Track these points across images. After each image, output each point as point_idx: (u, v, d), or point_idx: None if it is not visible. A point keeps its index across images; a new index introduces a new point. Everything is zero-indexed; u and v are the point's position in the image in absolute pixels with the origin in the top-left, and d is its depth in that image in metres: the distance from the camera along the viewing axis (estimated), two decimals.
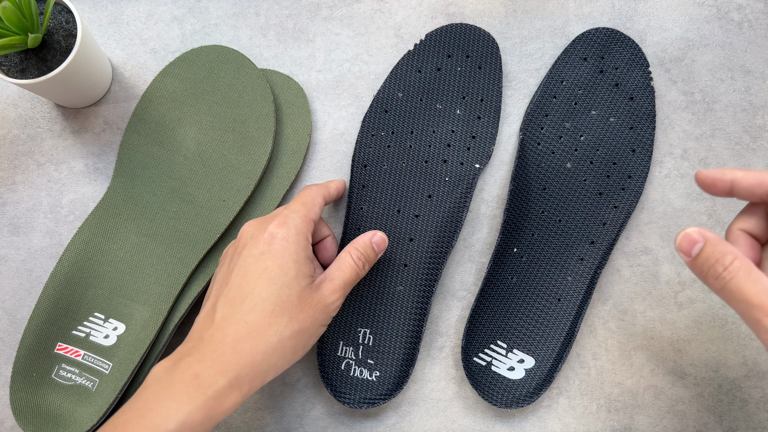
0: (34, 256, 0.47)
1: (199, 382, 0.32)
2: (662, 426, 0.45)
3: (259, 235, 0.37)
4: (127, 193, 0.45)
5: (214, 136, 0.46)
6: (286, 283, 0.35)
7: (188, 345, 0.34)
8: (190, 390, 0.31)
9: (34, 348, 0.43)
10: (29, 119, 0.48)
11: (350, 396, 0.43)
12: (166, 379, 0.32)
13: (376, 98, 0.47)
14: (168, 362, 0.34)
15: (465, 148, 0.45)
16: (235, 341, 0.33)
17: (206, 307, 0.36)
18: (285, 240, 0.36)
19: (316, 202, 0.40)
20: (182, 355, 0.34)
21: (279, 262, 0.35)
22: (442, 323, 0.46)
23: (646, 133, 0.45)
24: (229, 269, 0.37)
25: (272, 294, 0.34)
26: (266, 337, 0.34)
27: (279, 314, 0.34)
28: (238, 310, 0.34)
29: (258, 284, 0.35)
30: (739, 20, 0.48)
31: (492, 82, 0.46)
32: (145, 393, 0.32)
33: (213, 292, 0.37)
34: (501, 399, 0.43)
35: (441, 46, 0.46)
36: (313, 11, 0.49)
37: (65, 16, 0.42)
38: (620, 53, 0.46)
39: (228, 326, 0.34)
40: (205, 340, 0.34)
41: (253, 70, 0.46)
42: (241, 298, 0.35)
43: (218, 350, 0.33)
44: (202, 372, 0.32)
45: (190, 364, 0.32)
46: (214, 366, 0.32)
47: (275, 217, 0.38)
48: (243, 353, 0.33)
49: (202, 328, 0.35)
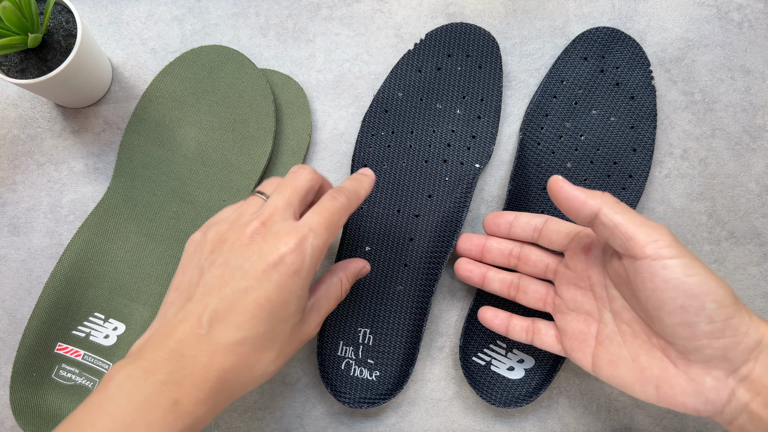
0: (34, 256, 0.47)
1: (179, 409, 0.29)
2: (662, 426, 0.45)
3: (266, 250, 0.32)
4: (127, 193, 0.45)
5: (214, 136, 0.46)
6: (283, 319, 0.32)
7: (161, 353, 0.30)
8: (168, 418, 0.29)
9: (34, 348, 0.43)
10: (29, 119, 0.48)
11: (350, 396, 0.43)
12: (137, 397, 0.29)
13: (376, 98, 0.47)
14: (136, 371, 0.30)
15: (465, 148, 0.45)
16: (219, 371, 0.31)
17: (187, 311, 0.32)
18: (296, 274, 0.32)
19: (341, 222, 0.35)
20: (154, 368, 0.30)
21: (284, 296, 0.32)
22: (442, 323, 0.46)
23: (647, 133, 0.45)
24: (224, 280, 0.32)
25: (268, 330, 0.32)
26: (252, 371, 0.32)
27: (269, 349, 0.32)
28: (228, 337, 0.31)
29: (256, 315, 0.31)
30: (739, 20, 0.48)
31: (492, 82, 0.46)
32: (109, 407, 0.29)
33: (198, 295, 0.32)
34: (500, 398, 0.43)
35: (441, 45, 0.46)
36: (313, 11, 0.49)
37: (65, 16, 0.42)
38: (621, 52, 0.46)
39: (215, 353, 0.31)
40: (186, 358, 0.30)
41: (253, 70, 0.46)
42: (235, 326, 0.31)
43: (200, 377, 0.30)
44: (182, 399, 0.29)
45: (169, 388, 0.29)
46: (195, 393, 0.30)
47: (289, 231, 0.32)
48: (226, 382, 0.31)
49: (181, 337, 0.31)
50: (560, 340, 0.38)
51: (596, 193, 0.33)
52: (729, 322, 0.31)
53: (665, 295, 0.31)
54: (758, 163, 0.47)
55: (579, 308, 0.37)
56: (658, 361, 0.33)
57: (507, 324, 0.41)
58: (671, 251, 0.31)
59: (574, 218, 0.34)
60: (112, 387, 0.29)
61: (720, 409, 0.32)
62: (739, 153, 0.47)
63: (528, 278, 0.41)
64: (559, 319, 0.38)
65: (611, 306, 0.36)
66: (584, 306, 0.37)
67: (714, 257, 0.46)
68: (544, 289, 0.40)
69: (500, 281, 0.42)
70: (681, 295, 0.31)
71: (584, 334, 0.37)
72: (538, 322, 0.40)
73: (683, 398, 0.32)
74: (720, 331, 0.31)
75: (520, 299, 0.41)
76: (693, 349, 0.31)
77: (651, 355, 0.33)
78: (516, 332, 0.40)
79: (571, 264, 0.38)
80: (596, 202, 0.33)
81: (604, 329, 0.36)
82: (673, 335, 0.32)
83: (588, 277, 0.37)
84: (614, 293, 0.35)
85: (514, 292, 0.41)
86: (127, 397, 0.29)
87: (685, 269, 0.31)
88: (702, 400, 0.32)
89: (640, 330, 0.34)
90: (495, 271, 0.42)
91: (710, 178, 0.47)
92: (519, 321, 0.40)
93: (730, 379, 0.31)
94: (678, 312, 0.31)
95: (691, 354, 0.32)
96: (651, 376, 0.33)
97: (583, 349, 0.36)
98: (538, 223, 0.40)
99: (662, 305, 0.31)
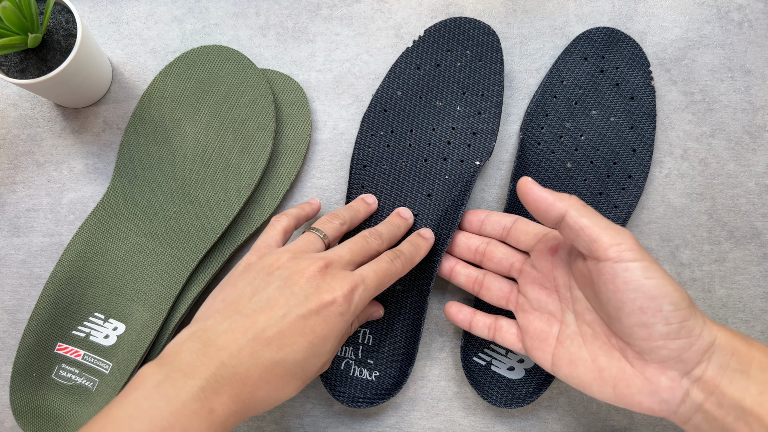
0: (34, 256, 0.47)
1: (213, 418, 0.30)
2: (662, 426, 0.45)
3: (323, 288, 0.35)
4: (127, 193, 0.45)
5: (214, 136, 0.46)
6: (319, 353, 0.34)
7: (202, 359, 0.31)
8: (203, 426, 0.30)
9: (34, 348, 0.43)
10: (29, 119, 0.48)
11: (350, 396, 0.43)
12: (176, 400, 0.29)
13: (375, 97, 0.46)
14: (175, 373, 0.30)
15: (465, 145, 0.45)
16: (254, 387, 0.32)
17: (235, 323, 0.33)
18: (341, 315, 0.34)
19: (390, 283, 0.38)
20: (194, 373, 0.31)
21: (326, 332, 0.34)
22: (442, 324, 0.46)
23: (647, 133, 0.45)
24: (279, 304, 0.34)
25: (304, 360, 0.34)
26: (278, 393, 0.33)
27: (299, 377, 0.34)
28: (269, 356, 0.32)
29: (299, 342, 0.33)
30: (739, 20, 0.48)
31: (493, 76, 0.45)
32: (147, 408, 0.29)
33: (248, 310, 0.34)
34: (501, 399, 0.43)
35: (440, 41, 0.46)
36: (313, 11, 0.49)
37: (65, 16, 0.42)
38: (621, 53, 0.46)
39: (254, 367, 0.32)
40: (226, 367, 0.31)
41: (253, 70, 0.46)
42: (278, 347, 0.33)
43: (237, 389, 0.31)
44: (217, 408, 0.30)
45: (207, 395, 0.30)
46: (229, 405, 0.31)
47: (346, 278, 0.35)
48: (255, 400, 0.32)
49: (223, 345, 0.32)
50: (521, 338, 0.39)
51: (564, 196, 0.34)
52: (684, 324, 0.32)
53: (625, 296, 0.32)
54: (758, 163, 0.47)
55: (542, 308, 0.38)
56: (617, 361, 0.34)
57: (470, 320, 0.42)
58: (633, 254, 0.32)
59: (542, 219, 0.35)
60: (150, 387, 0.30)
61: (675, 409, 0.33)
62: (739, 153, 0.47)
63: (493, 275, 0.42)
64: (521, 317, 0.39)
65: (574, 307, 0.37)
66: (548, 306, 0.38)
67: (714, 257, 0.46)
68: (508, 287, 0.41)
69: (466, 276, 0.43)
70: (640, 296, 0.32)
71: (545, 333, 0.38)
72: (501, 320, 0.41)
73: (639, 397, 0.33)
74: (675, 333, 0.32)
75: (483, 295, 0.42)
76: (649, 349, 0.32)
77: (610, 355, 0.34)
78: (479, 328, 0.42)
79: (538, 264, 0.39)
80: (563, 204, 0.34)
81: (566, 330, 0.37)
82: (631, 336, 0.33)
83: (553, 278, 0.38)
84: (578, 294, 0.36)
85: (478, 288, 0.42)
86: (165, 398, 0.29)
87: (645, 272, 0.32)
88: (657, 399, 0.33)
89: (600, 331, 0.35)
90: (463, 265, 0.43)
91: (710, 178, 0.47)
92: (482, 317, 0.42)
93: (685, 380, 0.32)
94: (636, 313, 0.32)
95: (648, 354, 0.33)
96: (609, 376, 0.34)
97: (543, 348, 0.37)
98: (507, 223, 0.42)
99: (622, 306, 0.32)
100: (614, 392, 0.34)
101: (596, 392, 0.35)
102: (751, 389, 0.31)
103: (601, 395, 0.35)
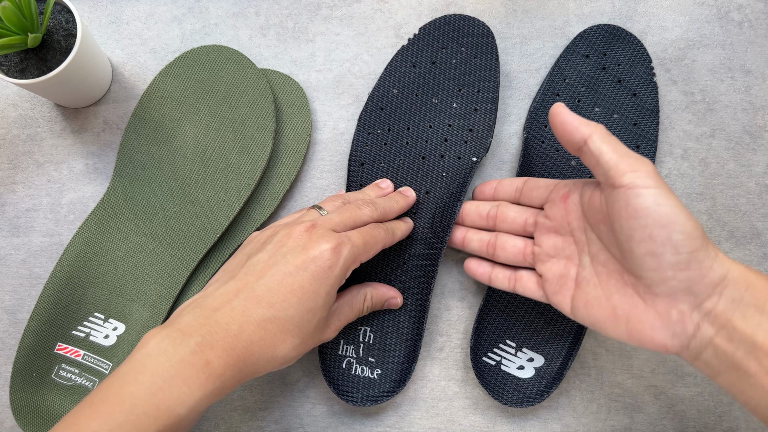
0: (34, 256, 0.47)
1: (210, 370, 0.32)
2: (662, 426, 0.45)
3: (309, 245, 0.36)
4: (127, 193, 0.45)
5: (214, 136, 0.46)
6: (311, 309, 0.36)
7: (198, 319, 0.34)
8: (201, 376, 0.32)
9: (34, 348, 0.43)
10: (29, 119, 0.48)
11: (353, 394, 0.43)
12: (175, 355, 0.32)
13: (371, 96, 0.46)
14: (174, 332, 0.33)
15: (462, 142, 0.45)
16: (248, 342, 0.34)
17: (228, 286, 0.36)
18: (329, 269, 0.36)
19: (376, 248, 0.39)
20: (191, 331, 0.33)
21: (315, 287, 0.35)
22: (442, 323, 0.46)
23: (650, 129, 0.45)
24: (268, 265, 0.36)
25: (297, 314, 0.35)
26: (275, 350, 0.35)
27: (295, 335, 0.35)
28: (260, 312, 0.34)
29: (288, 298, 0.35)
30: (739, 20, 0.48)
31: (488, 72, 0.46)
32: (150, 363, 0.32)
33: (240, 274, 0.36)
34: (511, 398, 0.43)
35: (435, 38, 0.46)
36: (313, 11, 0.49)
37: (65, 16, 0.42)
38: (622, 50, 0.46)
39: (246, 323, 0.34)
40: (220, 324, 0.34)
41: (253, 70, 0.46)
42: (268, 304, 0.35)
43: (230, 343, 0.33)
44: (213, 361, 0.32)
45: (202, 349, 0.32)
46: (224, 358, 0.33)
47: (332, 236, 0.37)
48: (250, 355, 0.34)
49: (218, 306, 0.35)
50: (542, 285, 0.40)
51: (590, 123, 0.34)
52: (694, 254, 0.31)
53: (636, 223, 0.32)
54: (758, 163, 0.47)
55: (559, 254, 0.39)
56: (629, 298, 0.34)
57: (490, 273, 0.43)
58: (647, 181, 0.32)
59: (566, 143, 0.35)
60: (152, 345, 0.33)
61: (686, 344, 0.32)
62: (739, 153, 0.47)
63: (505, 235, 0.43)
64: (540, 266, 0.40)
65: (589, 249, 0.37)
66: (565, 251, 0.38)
67: None
68: (522, 243, 0.42)
69: (479, 241, 0.43)
70: (650, 223, 0.31)
71: (564, 277, 0.38)
72: (521, 271, 0.41)
73: (651, 333, 0.33)
74: (685, 263, 0.31)
75: (498, 256, 0.42)
76: (659, 280, 0.32)
77: (623, 292, 0.34)
78: (499, 280, 0.42)
79: (551, 213, 0.39)
80: (588, 129, 0.34)
81: (582, 272, 0.37)
82: (642, 267, 0.33)
83: (568, 223, 0.38)
84: (592, 236, 0.37)
85: (492, 250, 0.43)
86: (165, 354, 0.32)
87: (657, 198, 0.31)
88: (669, 333, 0.32)
89: (614, 269, 0.35)
90: (474, 231, 0.44)
91: (710, 178, 0.47)
92: (501, 270, 0.42)
93: (695, 313, 0.32)
94: (646, 241, 0.32)
95: (658, 286, 0.32)
96: (622, 313, 0.34)
97: (563, 292, 0.38)
98: (519, 184, 0.43)
99: (633, 234, 0.32)
100: (627, 329, 0.34)
101: (610, 331, 0.35)
102: (765, 325, 0.30)
103: (616, 334, 0.35)
